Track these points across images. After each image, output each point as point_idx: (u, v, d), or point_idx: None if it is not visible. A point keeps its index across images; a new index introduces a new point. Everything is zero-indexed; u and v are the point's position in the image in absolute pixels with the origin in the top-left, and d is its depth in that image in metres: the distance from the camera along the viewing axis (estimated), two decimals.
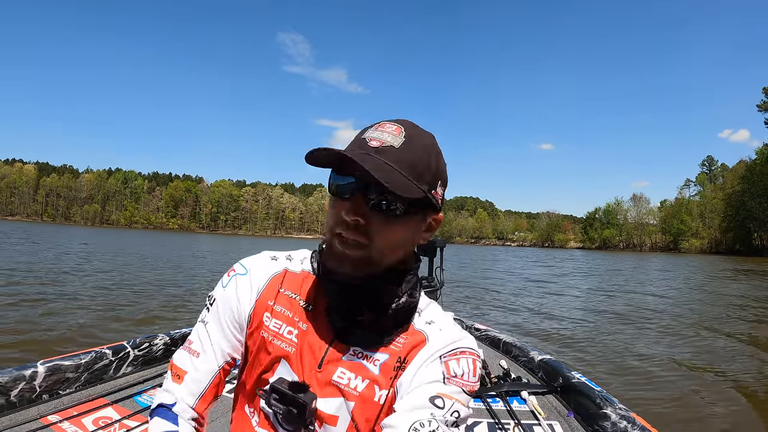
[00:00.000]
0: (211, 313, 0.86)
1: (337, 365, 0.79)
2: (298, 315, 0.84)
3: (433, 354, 0.78)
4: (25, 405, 1.79)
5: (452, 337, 0.81)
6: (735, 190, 77.42)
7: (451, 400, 0.73)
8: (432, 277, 3.32)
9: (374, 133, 0.75)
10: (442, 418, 0.70)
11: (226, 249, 34.06)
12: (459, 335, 0.82)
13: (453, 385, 0.75)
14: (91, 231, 65.98)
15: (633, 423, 1.79)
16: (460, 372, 0.76)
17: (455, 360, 0.78)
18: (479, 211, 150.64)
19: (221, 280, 0.89)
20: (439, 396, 0.73)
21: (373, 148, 0.73)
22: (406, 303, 0.81)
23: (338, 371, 0.79)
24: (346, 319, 0.80)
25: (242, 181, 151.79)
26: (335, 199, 0.76)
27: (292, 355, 0.81)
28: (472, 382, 0.77)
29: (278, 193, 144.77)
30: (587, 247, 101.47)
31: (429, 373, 0.76)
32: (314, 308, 0.84)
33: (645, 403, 4.35)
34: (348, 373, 0.79)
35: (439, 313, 0.87)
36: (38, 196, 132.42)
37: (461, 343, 0.80)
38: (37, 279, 10.46)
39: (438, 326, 0.83)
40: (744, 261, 44.26)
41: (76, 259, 16.82)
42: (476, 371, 0.79)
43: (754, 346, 6.86)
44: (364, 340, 0.81)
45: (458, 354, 0.78)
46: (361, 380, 0.79)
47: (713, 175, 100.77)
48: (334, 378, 0.79)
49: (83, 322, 6.61)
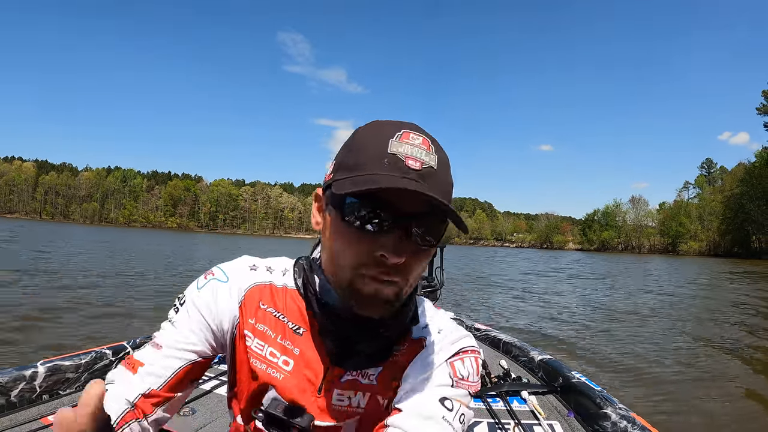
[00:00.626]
0: (181, 314, 0.78)
1: (336, 388, 0.76)
2: (288, 338, 0.78)
3: (438, 356, 0.77)
4: (25, 405, 1.78)
5: (452, 338, 0.79)
6: (734, 193, 77.48)
7: (459, 403, 0.72)
8: (432, 277, 3.32)
9: (404, 148, 0.64)
10: (452, 419, 0.70)
11: (226, 248, 34.01)
12: (458, 335, 0.80)
13: (460, 389, 0.74)
14: (90, 229, 65.88)
15: (633, 423, 1.79)
16: (466, 374, 0.76)
17: (460, 361, 0.77)
18: (478, 212, 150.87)
19: (196, 281, 0.82)
20: (448, 398, 0.72)
21: (415, 170, 0.63)
22: (402, 326, 0.78)
23: (336, 394, 0.76)
24: (342, 344, 0.76)
25: (241, 181, 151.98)
26: (358, 233, 0.65)
27: (281, 381, 0.76)
28: (475, 382, 0.77)
29: (277, 192, 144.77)
30: (586, 248, 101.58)
31: (437, 377, 0.74)
32: (305, 331, 0.78)
33: (645, 403, 4.35)
34: (347, 393, 0.76)
35: (433, 313, 0.85)
36: (37, 194, 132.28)
37: (462, 343, 0.79)
38: (38, 278, 10.44)
39: (435, 327, 0.81)
40: (742, 263, 44.30)
41: (79, 258, 16.79)
42: (479, 370, 0.79)
43: (753, 346, 6.88)
44: (362, 363, 0.77)
45: (461, 354, 0.77)
46: (362, 395, 0.76)
47: (712, 177, 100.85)
48: (335, 402, 0.76)
49: (82, 321, 6.61)
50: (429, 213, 0.64)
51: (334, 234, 0.68)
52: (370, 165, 0.63)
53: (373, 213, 0.63)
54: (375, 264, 0.65)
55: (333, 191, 0.65)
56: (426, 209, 0.64)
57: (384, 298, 0.67)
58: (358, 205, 0.63)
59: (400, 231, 0.64)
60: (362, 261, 0.65)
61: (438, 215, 0.65)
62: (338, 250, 0.68)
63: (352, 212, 0.64)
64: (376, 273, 0.65)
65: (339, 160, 0.70)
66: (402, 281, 0.67)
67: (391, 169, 0.62)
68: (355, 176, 0.63)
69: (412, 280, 0.69)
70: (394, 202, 0.63)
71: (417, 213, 0.64)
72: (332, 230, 0.69)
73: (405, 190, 0.60)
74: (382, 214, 0.63)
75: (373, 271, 0.65)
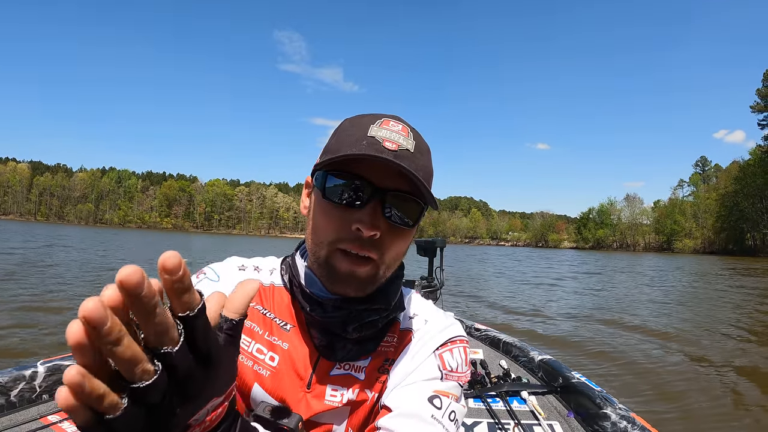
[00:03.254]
0: None
1: (326, 383, 0.76)
2: (275, 333, 0.78)
3: (425, 347, 0.77)
4: (25, 405, 1.78)
5: (439, 327, 0.80)
6: (728, 191, 77.95)
7: (449, 398, 0.72)
8: (432, 277, 3.32)
9: (383, 132, 0.68)
10: (441, 417, 0.70)
11: (224, 248, 33.91)
12: (445, 323, 0.81)
13: (450, 381, 0.75)
14: (84, 230, 65.53)
15: (633, 423, 1.80)
16: (455, 365, 0.76)
17: (449, 351, 0.77)
18: (473, 211, 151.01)
19: None
20: (437, 395, 0.72)
21: (391, 151, 0.66)
22: (392, 312, 0.78)
23: (329, 390, 0.76)
24: (329, 336, 0.77)
25: (236, 181, 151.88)
26: (335, 206, 0.69)
27: (267, 378, 0.76)
28: (465, 373, 0.77)
29: (272, 192, 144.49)
30: (581, 247, 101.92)
31: (425, 370, 0.75)
32: (292, 326, 0.79)
33: (645, 403, 4.36)
34: (337, 386, 0.76)
35: (421, 303, 0.85)
36: (32, 195, 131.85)
37: (450, 332, 0.79)
38: (35, 277, 10.37)
39: (423, 317, 0.82)
40: (737, 261, 44.52)
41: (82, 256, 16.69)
42: (467, 360, 0.79)
43: (753, 346, 6.91)
44: (350, 354, 0.77)
45: (449, 345, 0.78)
46: (352, 390, 0.76)
47: (707, 175, 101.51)
48: (327, 398, 0.75)
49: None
50: (405, 192, 0.68)
51: (316, 211, 0.72)
52: (350, 147, 0.67)
53: (351, 188, 0.66)
54: (351, 239, 0.67)
55: (315, 170, 0.70)
56: (403, 187, 0.68)
57: (358, 277, 0.69)
58: (339, 183, 0.68)
59: (375, 205, 0.67)
60: (340, 235, 0.68)
61: (415, 195, 0.68)
62: (318, 226, 0.71)
63: (332, 189, 0.68)
64: (352, 247, 0.67)
65: (325, 147, 0.75)
66: (378, 258, 0.69)
67: (368, 149, 0.66)
68: (335, 157, 0.67)
69: (388, 260, 0.70)
70: (370, 178, 0.66)
71: (392, 189, 0.67)
72: (314, 209, 0.73)
73: (377, 159, 0.63)
74: (360, 190, 0.67)
75: (349, 245, 0.67)
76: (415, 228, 0.73)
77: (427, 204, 0.70)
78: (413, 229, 0.72)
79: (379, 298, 0.75)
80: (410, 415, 0.69)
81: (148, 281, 0.30)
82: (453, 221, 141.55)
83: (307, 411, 0.75)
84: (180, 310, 0.34)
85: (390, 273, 0.74)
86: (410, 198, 0.68)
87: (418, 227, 0.74)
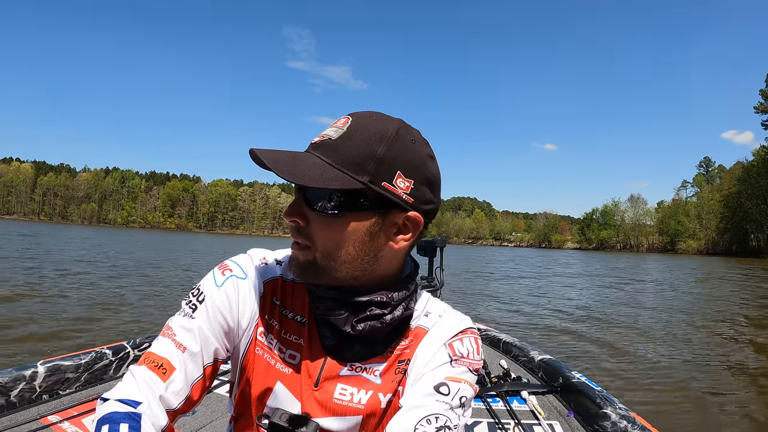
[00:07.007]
0: (200, 311, 0.74)
1: (336, 382, 0.74)
2: (293, 331, 0.77)
3: (437, 341, 0.76)
4: (25, 405, 1.78)
5: (452, 321, 0.79)
6: (732, 192, 77.74)
7: (457, 383, 0.71)
8: (432, 277, 3.31)
9: (324, 130, 0.71)
10: (448, 404, 0.68)
11: (227, 248, 33.99)
12: (457, 318, 0.81)
13: (460, 366, 0.73)
14: (88, 230, 65.78)
15: (633, 423, 1.79)
16: (465, 351, 0.75)
17: (459, 341, 0.76)
18: (476, 212, 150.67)
19: (213, 276, 0.78)
20: (444, 383, 0.70)
21: (312, 144, 0.70)
22: (401, 315, 0.76)
23: (338, 389, 0.74)
24: (337, 334, 0.75)
25: (239, 181, 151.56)
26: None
27: (288, 376, 0.75)
28: (476, 360, 0.76)
29: (276, 192, 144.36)
30: (584, 247, 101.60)
31: (435, 360, 0.74)
32: (308, 322, 0.78)
33: (645, 403, 4.36)
34: (350, 389, 0.74)
35: (434, 303, 0.85)
36: (35, 195, 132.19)
37: (461, 325, 0.79)
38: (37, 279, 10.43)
39: (436, 314, 0.81)
40: (741, 262, 44.39)
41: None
42: (479, 349, 0.78)
43: (752, 346, 6.89)
44: (359, 355, 0.76)
45: (459, 335, 0.77)
46: (364, 393, 0.74)
47: (710, 176, 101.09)
48: (336, 396, 0.74)
49: (82, 320, 6.60)
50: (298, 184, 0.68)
51: None
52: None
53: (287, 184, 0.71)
54: (290, 227, 0.72)
55: None
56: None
57: (296, 260, 0.72)
58: None
59: (300, 195, 0.70)
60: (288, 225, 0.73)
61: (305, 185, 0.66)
62: None
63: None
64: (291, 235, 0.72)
65: None
66: (311, 245, 0.70)
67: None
68: None
69: (320, 247, 0.70)
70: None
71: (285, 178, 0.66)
72: None
73: (252, 152, 0.65)
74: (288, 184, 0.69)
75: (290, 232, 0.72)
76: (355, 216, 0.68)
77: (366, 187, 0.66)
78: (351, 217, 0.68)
79: (379, 291, 0.73)
80: (415, 407, 0.68)
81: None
82: (456, 222, 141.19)
83: (314, 411, 0.73)
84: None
85: (346, 267, 0.71)
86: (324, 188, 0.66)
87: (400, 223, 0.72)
